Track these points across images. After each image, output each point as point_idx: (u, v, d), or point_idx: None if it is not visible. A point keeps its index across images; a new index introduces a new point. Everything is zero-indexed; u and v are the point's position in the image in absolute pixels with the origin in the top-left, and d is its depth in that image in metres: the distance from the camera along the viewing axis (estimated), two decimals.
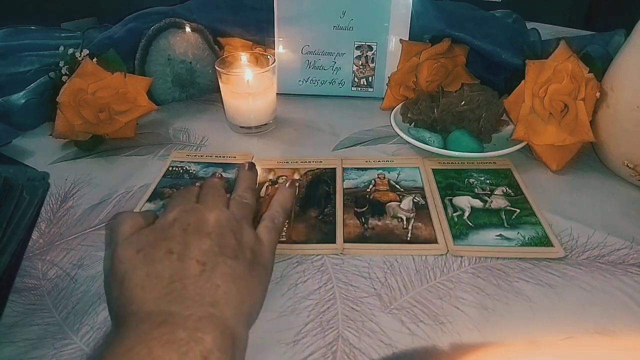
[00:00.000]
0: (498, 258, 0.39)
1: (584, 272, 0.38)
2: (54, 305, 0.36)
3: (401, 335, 0.33)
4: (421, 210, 0.45)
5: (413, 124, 0.57)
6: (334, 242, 0.41)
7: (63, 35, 0.76)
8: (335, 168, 0.52)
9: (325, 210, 0.45)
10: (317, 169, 0.52)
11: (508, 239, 0.41)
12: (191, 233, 0.32)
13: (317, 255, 0.40)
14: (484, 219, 0.44)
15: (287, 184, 0.44)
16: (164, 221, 0.34)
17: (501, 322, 0.34)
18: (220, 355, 0.26)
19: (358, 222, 0.44)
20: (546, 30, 0.76)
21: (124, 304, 0.29)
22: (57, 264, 0.40)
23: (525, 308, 0.35)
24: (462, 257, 0.40)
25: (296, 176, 0.51)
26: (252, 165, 0.45)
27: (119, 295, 0.30)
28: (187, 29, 0.65)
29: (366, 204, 0.46)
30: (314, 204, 0.46)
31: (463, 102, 0.54)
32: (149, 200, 0.47)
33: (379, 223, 0.43)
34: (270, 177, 0.51)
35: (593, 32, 0.68)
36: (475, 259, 0.39)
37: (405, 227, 0.43)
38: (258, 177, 0.46)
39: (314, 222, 0.44)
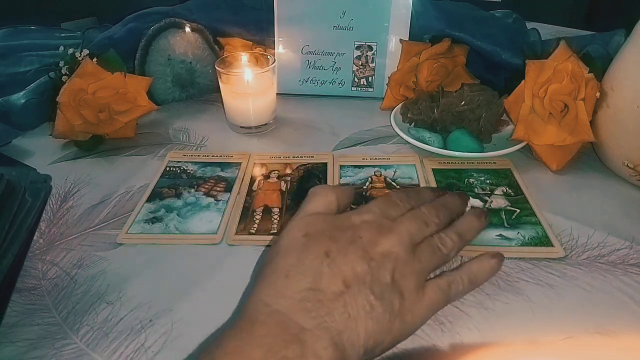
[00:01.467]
0: None
1: (584, 272, 0.38)
2: (54, 305, 0.36)
3: None
4: None
5: (413, 124, 0.57)
6: None
7: (63, 35, 0.76)
8: (326, 163, 0.53)
9: None
10: (309, 163, 0.53)
11: (508, 238, 0.41)
12: (357, 247, 0.30)
13: None
14: None
15: (490, 258, 0.34)
16: (346, 220, 0.32)
17: (501, 322, 0.34)
18: None
19: None
20: (546, 30, 0.76)
21: (264, 282, 0.29)
22: (57, 264, 0.40)
23: (525, 308, 0.35)
24: (461, 257, 0.40)
25: (288, 171, 0.52)
26: (483, 214, 0.37)
27: (268, 264, 0.30)
28: (187, 29, 0.65)
29: (362, 201, 0.46)
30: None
31: (463, 102, 0.54)
32: (148, 200, 0.47)
33: None
34: (263, 171, 0.52)
35: (593, 32, 0.68)
36: None
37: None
38: (479, 228, 0.37)
39: None
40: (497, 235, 0.42)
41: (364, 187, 0.49)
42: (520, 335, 0.33)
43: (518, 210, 0.45)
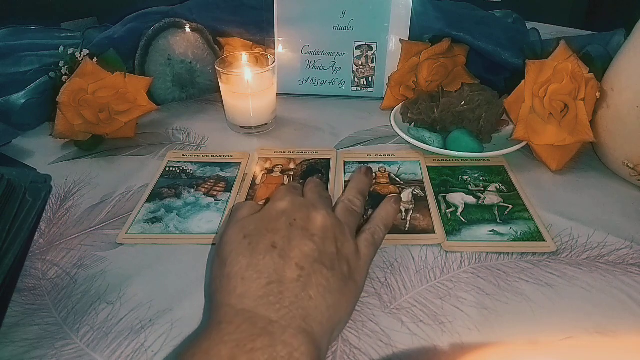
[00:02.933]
0: (492, 253, 0.40)
1: (584, 272, 0.38)
2: (54, 305, 0.36)
3: (401, 335, 0.33)
4: (420, 202, 0.46)
5: (413, 124, 0.57)
6: None
7: (63, 35, 0.76)
8: (330, 159, 0.53)
9: None
10: (312, 159, 0.53)
11: (500, 234, 0.42)
12: (296, 229, 0.32)
13: None
14: (477, 215, 0.44)
15: (392, 200, 0.41)
16: (273, 209, 0.34)
17: (501, 322, 0.34)
18: None
19: None
20: (546, 30, 0.76)
21: (223, 291, 0.30)
22: (57, 264, 0.40)
23: (525, 308, 0.35)
24: (461, 257, 0.40)
25: (292, 165, 0.52)
26: (368, 171, 0.43)
27: (220, 275, 0.31)
28: (187, 29, 0.65)
29: (366, 196, 0.46)
30: None
31: (463, 102, 0.54)
32: (148, 200, 0.47)
33: None
34: (267, 166, 0.52)
35: (593, 32, 0.68)
36: (475, 259, 0.39)
37: (403, 217, 0.44)
38: (369, 182, 0.43)
39: None
40: (490, 231, 0.42)
41: None
42: (520, 335, 0.33)
43: (511, 207, 0.45)
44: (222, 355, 0.25)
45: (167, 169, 0.53)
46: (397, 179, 0.50)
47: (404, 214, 0.45)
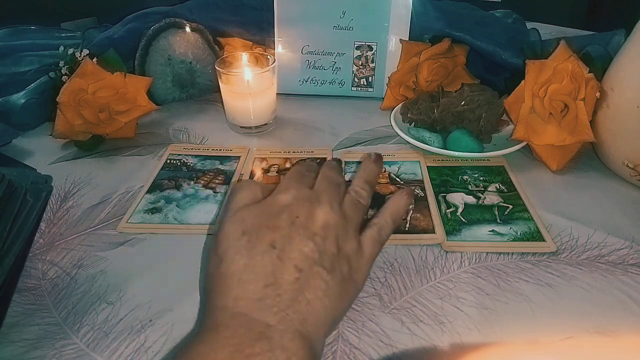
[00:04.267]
0: (492, 253, 0.40)
1: (584, 272, 0.38)
2: (54, 305, 0.36)
3: (401, 335, 0.33)
4: (420, 202, 0.46)
5: (413, 124, 0.57)
6: None
7: (63, 35, 0.76)
8: (325, 158, 0.54)
9: None
10: (308, 158, 0.54)
11: (500, 234, 0.42)
12: (298, 227, 0.31)
13: None
14: (477, 215, 0.44)
15: (404, 193, 0.37)
16: (275, 202, 0.33)
17: (501, 322, 0.34)
18: None
19: None
20: (546, 30, 0.76)
21: (219, 291, 0.29)
22: (57, 264, 0.40)
23: (525, 308, 0.35)
24: (461, 257, 0.40)
25: (288, 165, 0.52)
26: (378, 157, 0.40)
27: (216, 273, 0.30)
28: (187, 29, 0.65)
29: None
30: None
31: (463, 102, 0.54)
32: (148, 191, 0.48)
33: None
34: (263, 165, 0.53)
35: (593, 32, 0.68)
36: (475, 259, 0.39)
37: (404, 217, 0.44)
38: (379, 171, 0.40)
39: None
40: (490, 231, 0.42)
41: None
42: (520, 335, 0.33)
43: (511, 207, 0.45)
44: (220, 359, 0.25)
45: (168, 161, 0.54)
46: (397, 178, 0.50)
47: None
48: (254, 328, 0.26)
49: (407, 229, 0.43)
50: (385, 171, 0.51)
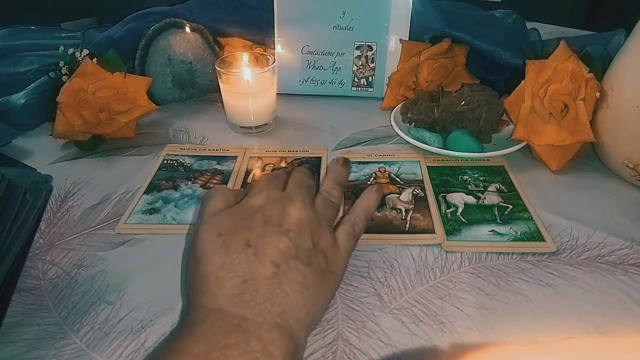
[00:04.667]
0: (492, 253, 0.40)
1: (584, 272, 0.38)
2: (54, 305, 0.36)
3: (401, 335, 0.33)
4: (420, 202, 0.46)
5: (413, 124, 0.57)
6: None
7: (63, 35, 0.76)
8: (320, 157, 0.54)
9: None
10: (303, 157, 0.54)
11: (500, 234, 0.42)
12: (271, 226, 0.32)
13: None
14: (477, 215, 0.44)
15: (373, 189, 0.39)
16: (248, 205, 0.34)
17: (501, 322, 0.34)
18: None
19: None
20: (546, 30, 0.76)
21: (197, 291, 0.30)
22: (57, 264, 0.40)
23: (525, 308, 0.35)
24: (461, 257, 0.40)
25: (282, 164, 0.53)
26: (346, 161, 0.42)
27: (194, 276, 0.31)
28: (187, 29, 0.65)
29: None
30: None
31: (463, 102, 0.54)
32: (146, 192, 0.48)
33: (378, 214, 0.44)
34: (258, 165, 0.53)
35: (593, 32, 0.68)
36: (475, 259, 0.39)
37: (403, 217, 0.44)
38: (347, 173, 0.42)
39: None
40: (490, 231, 0.42)
41: (368, 183, 0.49)
42: (520, 335, 0.33)
43: (511, 207, 0.45)
44: (195, 353, 0.25)
45: (165, 162, 0.54)
46: (397, 178, 0.50)
47: (404, 213, 0.45)
48: (230, 321, 0.27)
49: (407, 229, 0.43)
50: (385, 171, 0.51)
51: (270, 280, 0.29)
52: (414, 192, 0.47)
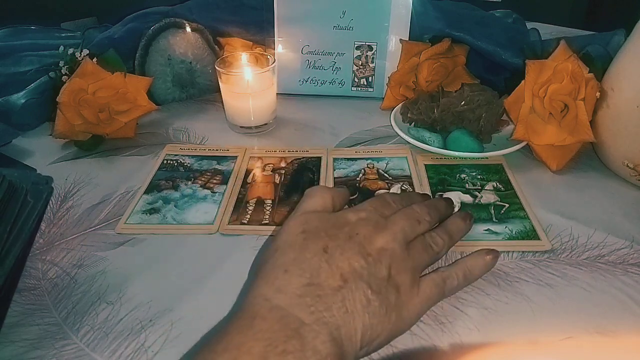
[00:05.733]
0: None
1: (584, 272, 0.38)
2: (54, 305, 0.36)
3: (401, 335, 0.33)
4: None
5: (413, 124, 0.57)
6: None
7: (63, 35, 0.76)
8: (320, 157, 0.54)
9: None
10: (303, 157, 0.54)
11: (495, 233, 0.42)
12: (353, 243, 0.31)
13: None
14: (473, 214, 0.44)
15: (485, 254, 0.35)
16: (343, 217, 0.33)
17: (501, 322, 0.34)
18: None
19: None
20: (546, 30, 0.76)
21: (264, 278, 0.29)
22: (57, 264, 0.40)
23: (525, 308, 0.35)
24: (460, 257, 0.39)
25: (282, 164, 0.53)
26: (468, 217, 0.39)
27: (266, 262, 0.31)
28: (187, 29, 0.65)
29: (356, 192, 0.48)
30: (298, 190, 0.49)
31: (463, 102, 0.54)
32: (146, 192, 0.48)
33: None
34: (258, 165, 0.53)
35: (593, 32, 0.68)
36: None
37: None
38: (465, 229, 0.39)
39: None
40: (485, 230, 0.42)
41: (358, 179, 0.50)
42: (520, 335, 0.33)
43: (507, 205, 0.45)
44: (254, 352, 0.25)
45: (165, 162, 0.54)
46: (385, 174, 0.50)
47: None
48: (289, 324, 0.26)
49: None
50: (373, 167, 0.52)
51: (335, 293, 0.28)
52: (402, 188, 0.48)
